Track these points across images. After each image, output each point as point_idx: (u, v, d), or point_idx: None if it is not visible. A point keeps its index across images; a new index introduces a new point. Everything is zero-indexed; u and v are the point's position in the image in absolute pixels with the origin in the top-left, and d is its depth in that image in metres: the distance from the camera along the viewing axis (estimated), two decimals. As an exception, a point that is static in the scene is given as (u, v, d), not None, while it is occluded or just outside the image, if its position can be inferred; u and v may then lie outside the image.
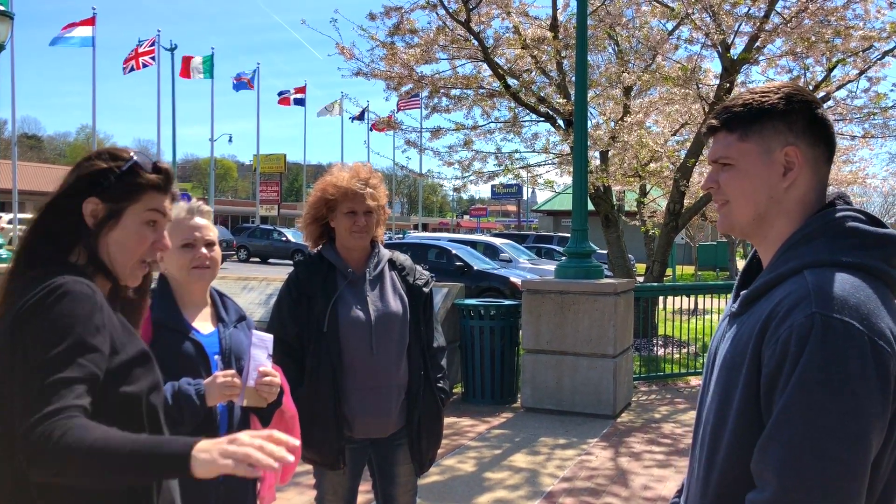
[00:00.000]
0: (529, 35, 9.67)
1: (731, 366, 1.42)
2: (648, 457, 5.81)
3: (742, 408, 1.37)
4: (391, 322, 2.88)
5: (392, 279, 2.97)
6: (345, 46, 9.82)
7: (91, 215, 1.56)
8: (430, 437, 2.97)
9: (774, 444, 1.28)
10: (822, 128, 1.46)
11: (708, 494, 1.44)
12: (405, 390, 2.92)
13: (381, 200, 2.94)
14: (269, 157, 53.58)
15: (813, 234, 1.41)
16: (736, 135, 1.47)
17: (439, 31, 9.66)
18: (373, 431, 2.91)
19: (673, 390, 8.43)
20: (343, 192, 2.85)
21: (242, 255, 32.88)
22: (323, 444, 2.82)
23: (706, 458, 1.46)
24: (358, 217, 2.85)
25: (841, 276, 1.34)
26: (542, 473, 5.38)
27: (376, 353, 2.84)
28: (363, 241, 2.90)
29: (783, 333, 1.30)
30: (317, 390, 2.79)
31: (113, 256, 1.57)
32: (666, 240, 10.58)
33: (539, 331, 7.18)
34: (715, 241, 30.48)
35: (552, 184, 11.56)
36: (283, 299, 2.90)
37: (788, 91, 1.46)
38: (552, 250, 25.77)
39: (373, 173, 2.94)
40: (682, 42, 9.95)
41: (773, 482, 1.27)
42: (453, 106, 10.60)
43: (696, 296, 10.82)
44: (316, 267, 2.91)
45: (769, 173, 1.45)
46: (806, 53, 9.41)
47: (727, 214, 1.52)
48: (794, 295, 1.33)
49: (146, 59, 35.26)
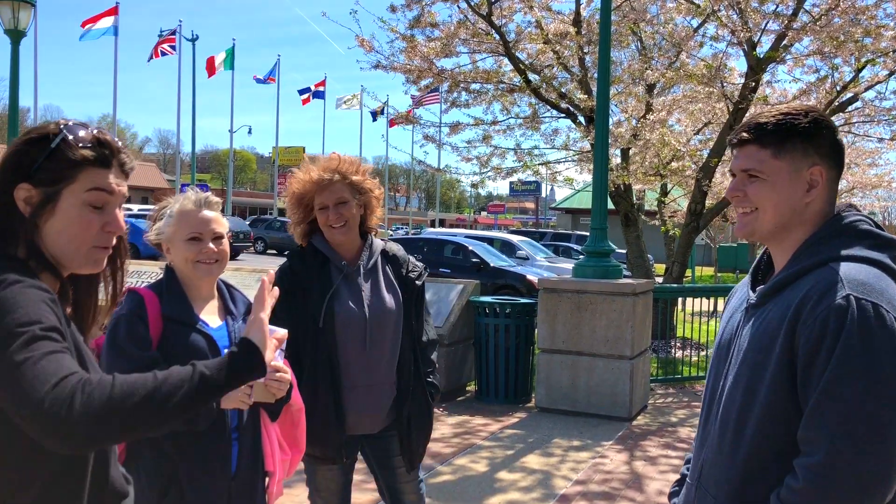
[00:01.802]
0: (552, 30, 9.54)
1: (759, 348, 1.56)
2: (664, 461, 5.68)
3: (775, 385, 1.51)
4: (386, 318, 2.80)
5: (386, 272, 2.88)
6: (364, 38, 9.73)
7: (25, 202, 1.38)
8: (420, 432, 2.91)
9: (823, 409, 1.42)
10: (839, 152, 1.65)
11: (736, 465, 1.57)
12: (396, 386, 2.86)
13: (365, 185, 2.79)
14: (288, 149, 53.72)
15: (830, 234, 1.60)
16: (769, 151, 1.61)
17: (460, 25, 9.54)
18: (365, 427, 2.85)
19: (690, 393, 8.29)
20: (311, 187, 2.73)
21: (259, 246, 32.94)
22: (325, 439, 2.76)
23: (732, 433, 1.58)
24: (329, 210, 2.73)
25: (863, 267, 1.51)
26: (556, 475, 5.28)
27: (370, 350, 2.77)
28: (344, 234, 2.77)
29: (820, 313, 1.45)
30: (317, 386, 2.73)
31: (57, 246, 1.40)
32: (686, 240, 10.42)
33: (555, 330, 7.07)
34: (735, 243, 30.19)
35: (571, 181, 11.43)
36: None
37: (815, 116, 1.62)
38: (570, 248, 25.59)
39: (341, 160, 2.78)
40: (707, 39, 9.79)
41: (824, 445, 1.40)
42: (473, 101, 10.49)
43: (716, 298, 10.65)
44: (310, 259, 2.81)
45: (795, 189, 1.61)
46: (834, 53, 9.21)
47: (750, 222, 1.66)
48: (826, 281, 1.50)
49: (165, 48, 35.42)
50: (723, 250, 26.42)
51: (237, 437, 2.25)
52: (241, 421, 2.25)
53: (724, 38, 9.33)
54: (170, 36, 35.63)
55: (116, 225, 1.45)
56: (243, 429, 2.26)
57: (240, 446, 2.25)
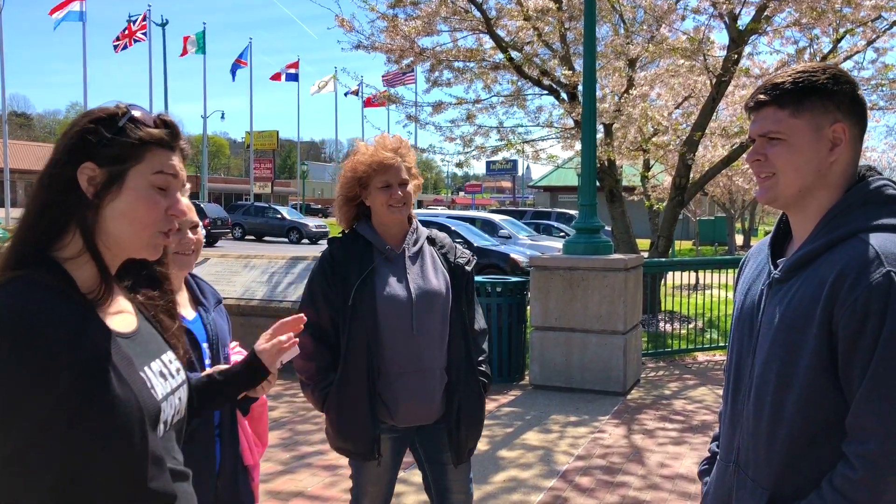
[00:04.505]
0: (532, 6, 9.47)
1: (792, 327, 1.50)
2: (662, 434, 5.73)
3: (813, 367, 1.46)
4: (434, 300, 2.70)
5: (433, 256, 2.80)
6: (345, 19, 9.62)
7: (88, 182, 1.31)
8: (471, 425, 2.79)
9: (874, 396, 1.37)
10: (862, 107, 1.57)
11: (775, 449, 1.52)
12: (447, 375, 2.75)
13: (414, 170, 2.77)
14: (262, 133, 53.20)
15: (855, 203, 1.52)
16: (787, 111, 1.54)
17: (441, 3, 9.45)
18: (418, 418, 2.72)
19: (681, 366, 8.36)
20: (374, 166, 2.67)
21: (238, 232, 32.69)
22: (355, 434, 2.65)
23: (769, 416, 1.53)
24: (394, 189, 2.67)
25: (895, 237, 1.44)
26: (556, 452, 5.30)
27: (417, 334, 2.66)
28: (402, 213, 2.71)
29: (861, 294, 1.39)
30: (348, 373, 2.63)
31: (119, 230, 1.33)
32: (671, 214, 10.48)
33: (547, 308, 7.08)
34: (714, 216, 30.44)
35: (555, 158, 11.40)
36: (316, 279, 2.71)
37: (834, 72, 1.55)
38: (550, 226, 25.66)
39: (402, 142, 2.75)
40: (688, 13, 9.77)
41: (879, 432, 1.36)
42: (454, 80, 10.41)
43: (702, 271, 10.75)
44: (351, 244, 2.73)
45: (818, 148, 1.53)
46: (813, 24, 9.24)
47: (772, 187, 1.58)
48: (861, 257, 1.42)
49: (138, 35, 34.82)
50: (702, 224, 26.64)
51: (219, 434, 2.21)
52: (222, 418, 2.22)
53: (706, 10, 9.33)
54: (141, 23, 34.98)
55: (179, 208, 1.39)
56: (224, 426, 2.22)
57: (221, 443, 2.21)
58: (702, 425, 5.96)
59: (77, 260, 1.32)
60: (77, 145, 1.33)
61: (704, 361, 8.62)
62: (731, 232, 27.72)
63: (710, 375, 7.85)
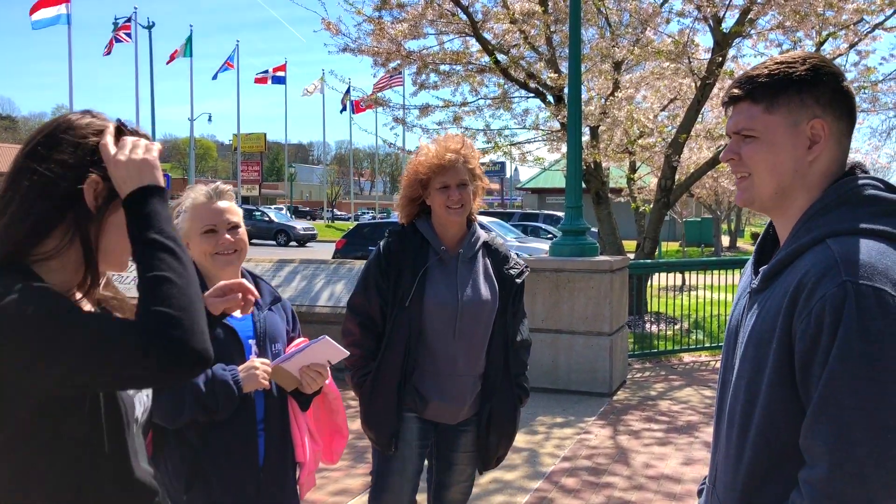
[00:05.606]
0: (518, 9, 9.51)
1: (759, 342, 1.38)
2: (647, 435, 5.77)
3: (774, 384, 1.34)
4: (479, 309, 2.72)
5: (485, 264, 2.80)
6: (331, 22, 9.63)
7: (94, 196, 1.29)
8: (502, 434, 2.82)
9: (822, 418, 1.25)
10: (847, 100, 1.43)
11: (739, 472, 1.41)
12: (482, 382, 2.78)
13: (477, 172, 2.76)
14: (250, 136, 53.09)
15: (831, 203, 1.38)
16: (761, 106, 1.42)
17: (427, 6, 9.47)
18: (443, 417, 2.78)
19: (667, 367, 8.41)
20: (434, 167, 2.67)
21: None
22: (380, 422, 2.71)
23: (737, 435, 1.43)
24: (451, 191, 2.67)
25: (865, 242, 1.30)
26: (542, 453, 5.33)
27: (458, 340, 2.69)
28: (459, 216, 2.71)
29: (815, 305, 1.27)
30: (385, 366, 2.68)
31: (113, 247, 1.33)
32: (658, 216, 10.53)
33: (534, 309, 7.10)
34: (700, 218, 30.60)
35: (542, 161, 11.44)
36: (371, 269, 2.74)
37: (815, 62, 1.42)
38: (538, 228, 25.70)
39: (464, 143, 2.75)
40: (673, 16, 9.84)
41: (825, 457, 1.25)
42: (441, 82, 10.43)
43: (688, 272, 10.81)
44: (409, 239, 2.75)
45: (795, 146, 1.41)
46: (796, 27, 9.33)
47: (748, 188, 1.47)
48: (821, 265, 1.30)
49: (121, 35, 34.67)
50: (688, 225, 26.78)
51: (263, 429, 2.24)
52: (267, 412, 2.25)
53: (690, 13, 9.40)
54: (125, 24, 34.84)
55: None
56: (270, 420, 2.25)
57: (267, 437, 2.24)
58: (687, 426, 6.01)
59: (48, 263, 1.30)
60: (87, 154, 1.31)
61: (690, 362, 8.68)
62: (718, 233, 27.89)
63: (696, 376, 7.90)
